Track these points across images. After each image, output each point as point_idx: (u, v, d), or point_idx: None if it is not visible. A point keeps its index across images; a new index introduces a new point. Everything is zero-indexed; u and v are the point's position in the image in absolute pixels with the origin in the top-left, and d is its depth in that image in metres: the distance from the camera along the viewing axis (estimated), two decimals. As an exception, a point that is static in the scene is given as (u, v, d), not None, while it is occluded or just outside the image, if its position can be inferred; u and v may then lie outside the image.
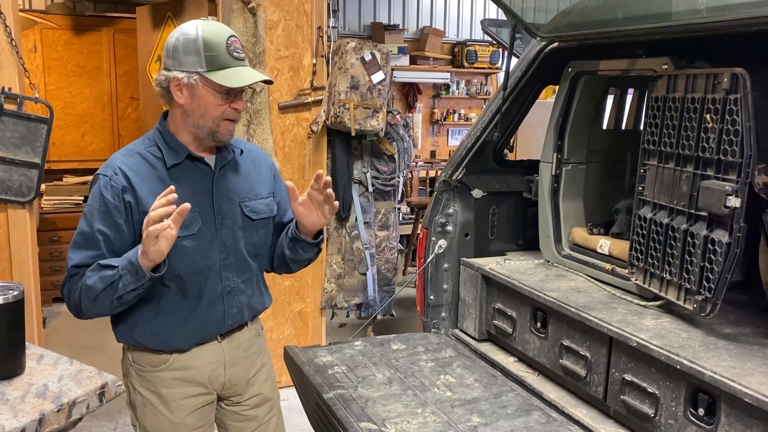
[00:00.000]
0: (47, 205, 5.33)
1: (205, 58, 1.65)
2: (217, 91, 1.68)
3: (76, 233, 1.71)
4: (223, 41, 1.67)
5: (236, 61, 1.69)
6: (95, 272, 1.65)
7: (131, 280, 1.61)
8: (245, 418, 1.97)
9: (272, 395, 2.03)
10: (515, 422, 1.98)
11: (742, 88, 1.73)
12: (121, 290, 1.62)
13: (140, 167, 1.71)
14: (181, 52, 1.67)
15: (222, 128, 1.72)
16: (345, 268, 3.92)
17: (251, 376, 1.96)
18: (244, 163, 1.89)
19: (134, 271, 1.60)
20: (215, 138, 1.74)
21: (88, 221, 1.69)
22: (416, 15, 7.72)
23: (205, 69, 1.66)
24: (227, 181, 1.83)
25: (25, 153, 3.18)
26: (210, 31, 1.67)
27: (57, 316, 5.09)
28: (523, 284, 2.33)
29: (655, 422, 1.80)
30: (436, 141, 8.03)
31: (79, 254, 1.69)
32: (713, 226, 1.83)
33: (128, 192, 1.68)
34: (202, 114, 1.70)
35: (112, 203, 1.67)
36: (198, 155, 1.77)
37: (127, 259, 1.62)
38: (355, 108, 3.59)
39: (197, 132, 1.73)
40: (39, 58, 5.42)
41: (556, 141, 2.57)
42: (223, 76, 1.66)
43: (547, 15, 2.52)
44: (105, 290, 1.63)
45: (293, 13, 3.59)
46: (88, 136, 5.72)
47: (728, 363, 1.67)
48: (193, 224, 1.73)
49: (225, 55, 1.67)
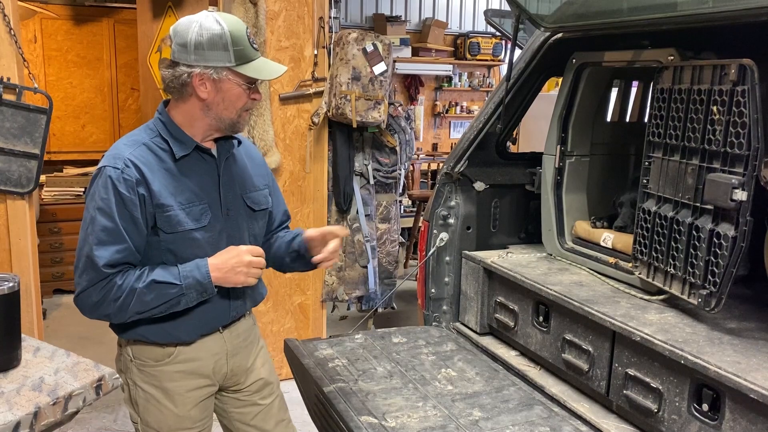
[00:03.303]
0: (47, 196, 5.31)
1: (233, 52, 1.66)
2: (243, 84, 1.69)
3: (94, 230, 1.62)
4: (245, 34, 1.68)
5: (257, 53, 1.71)
6: (151, 290, 1.64)
7: (196, 297, 1.70)
8: (247, 403, 1.97)
9: (272, 378, 2.03)
10: (517, 416, 1.96)
11: (750, 79, 1.70)
12: (183, 305, 1.70)
13: (149, 159, 1.69)
14: (206, 48, 1.64)
15: (242, 118, 1.75)
16: (346, 260, 3.90)
17: (250, 364, 1.96)
18: (240, 155, 1.89)
19: (202, 290, 1.69)
20: (235, 128, 1.76)
21: (108, 216, 1.63)
22: (419, 6, 7.67)
23: (234, 63, 1.66)
24: (231, 173, 1.83)
25: (24, 143, 3.16)
26: (233, 25, 1.67)
27: (57, 308, 5.08)
28: (525, 278, 2.31)
29: (659, 417, 1.78)
30: (438, 133, 8.00)
31: (107, 251, 1.62)
32: (719, 219, 1.81)
33: (142, 185, 1.65)
34: (226, 107, 1.70)
35: (128, 197, 1.63)
36: (205, 146, 1.76)
37: (192, 278, 1.67)
38: (357, 99, 3.56)
39: (218, 124, 1.73)
40: (39, 49, 5.39)
41: (560, 133, 2.54)
42: (253, 69, 1.68)
43: (551, 5, 2.49)
44: (162, 305, 1.67)
45: (294, 4, 3.55)
46: (88, 127, 5.70)
47: (733, 358, 1.65)
48: (203, 216, 1.73)
49: (249, 48, 1.68)
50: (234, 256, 1.70)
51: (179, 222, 1.69)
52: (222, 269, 1.69)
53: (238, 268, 1.70)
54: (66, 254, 5.30)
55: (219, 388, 1.93)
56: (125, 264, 1.66)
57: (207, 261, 1.70)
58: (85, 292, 1.64)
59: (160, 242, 1.69)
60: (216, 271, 1.69)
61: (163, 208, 1.67)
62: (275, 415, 2.02)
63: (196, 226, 1.71)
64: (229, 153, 1.82)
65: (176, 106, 1.74)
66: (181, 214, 1.69)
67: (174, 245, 1.70)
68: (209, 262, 1.70)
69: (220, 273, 1.69)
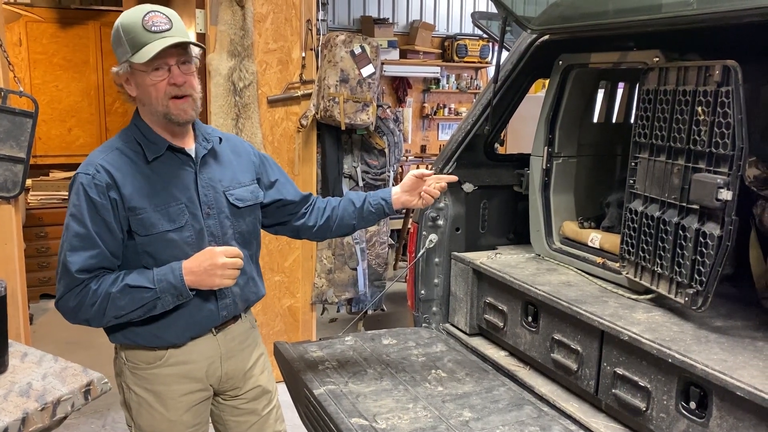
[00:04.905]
0: (34, 200, 5.27)
1: (127, 43, 1.62)
2: (145, 72, 1.62)
3: (68, 237, 1.63)
4: (139, 19, 1.61)
5: (155, 35, 1.60)
6: (124, 294, 1.63)
7: (172, 301, 1.67)
8: (244, 411, 1.95)
9: (270, 387, 2.01)
10: (507, 416, 1.97)
11: (734, 80, 1.72)
12: (159, 309, 1.67)
13: (121, 163, 1.68)
14: (114, 47, 1.67)
15: (172, 108, 1.66)
16: (335, 263, 3.89)
17: (248, 368, 1.94)
18: (223, 152, 1.87)
19: (177, 293, 1.67)
20: (171, 119, 1.68)
21: (80, 221, 1.63)
22: (406, 9, 7.68)
23: (130, 54, 1.62)
24: (210, 171, 1.80)
25: (9, 147, 3.13)
26: (127, 15, 1.64)
27: (44, 313, 5.04)
28: (514, 278, 2.32)
29: (647, 416, 1.79)
30: (426, 135, 8.01)
31: (79, 257, 1.62)
32: (705, 219, 1.83)
33: (113, 189, 1.65)
34: (150, 99, 1.66)
35: (99, 202, 1.63)
36: (178, 146, 1.74)
37: (166, 281, 1.65)
38: (345, 102, 3.57)
39: (156, 118, 1.70)
40: (24, 52, 5.34)
41: (547, 135, 2.56)
42: (141, 53, 1.60)
43: (538, 8, 2.50)
44: (138, 309, 1.66)
45: (282, 6, 3.55)
46: (75, 131, 5.66)
47: (720, 356, 1.66)
48: (179, 217, 1.71)
49: (142, 33, 1.60)
50: (207, 259, 1.67)
51: (153, 224, 1.67)
52: (196, 272, 1.66)
53: (212, 271, 1.66)
54: (53, 259, 5.25)
55: (215, 392, 1.91)
56: (100, 269, 1.65)
57: (182, 264, 1.68)
58: (63, 298, 1.64)
59: (137, 245, 1.68)
60: (190, 275, 1.66)
61: (136, 210, 1.66)
62: (272, 425, 2.01)
63: (172, 227, 1.69)
64: (205, 150, 1.79)
65: (139, 108, 1.74)
66: (155, 215, 1.67)
67: (151, 248, 1.69)
68: (183, 265, 1.67)
69: (194, 276, 1.67)
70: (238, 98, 3.44)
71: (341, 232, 2.10)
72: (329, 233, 2.08)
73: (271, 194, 1.97)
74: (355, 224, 2.06)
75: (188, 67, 1.68)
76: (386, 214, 2.05)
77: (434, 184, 2.00)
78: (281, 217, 2.02)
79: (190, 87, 1.68)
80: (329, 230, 2.06)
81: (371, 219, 2.06)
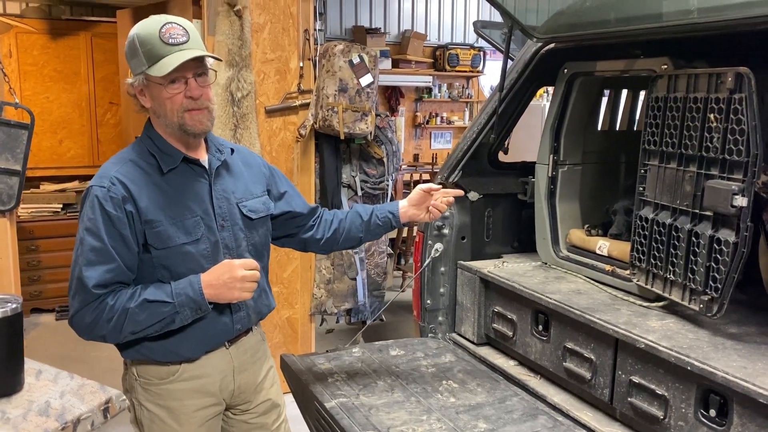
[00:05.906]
0: (24, 213, 5.18)
1: (143, 54, 1.60)
2: (162, 84, 1.61)
3: (83, 251, 1.60)
4: (156, 31, 1.59)
5: (172, 48, 1.59)
6: (143, 309, 1.60)
7: (190, 315, 1.65)
8: (254, 426, 1.92)
9: (280, 401, 1.99)
10: (522, 427, 1.95)
11: (747, 87, 1.73)
12: (177, 323, 1.65)
13: (136, 175, 1.65)
14: (129, 58, 1.65)
15: (188, 120, 1.65)
16: (334, 273, 3.87)
17: (259, 381, 1.91)
18: (235, 163, 1.85)
19: (196, 307, 1.64)
20: (187, 131, 1.67)
21: (95, 235, 1.60)
22: (397, 18, 7.70)
23: (146, 66, 1.60)
24: (223, 182, 1.79)
25: (5, 160, 3.09)
26: (143, 26, 1.62)
27: (35, 327, 4.95)
28: (523, 287, 2.31)
29: (665, 424, 1.78)
30: (419, 144, 8.02)
31: (96, 271, 1.58)
32: (719, 225, 1.83)
33: (129, 202, 1.62)
34: (164, 111, 1.65)
35: (115, 215, 1.60)
36: (193, 157, 1.72)
37: (185, 295, 1.63)
38: (344, 111, 3.55)
39: (171, 130, 1.68)
40: (14, 63, 5.28)
41: (552, 142, 2.55)
42: (159, 66, 1.58)
43: (542, 16, 2.51)
44: (156, 324, 1.63)
45: (279, 16, 3.54)
46: (66, 143, 5.58)
47: (739, 363, 1.66)
48: (195, 229, 1.69)
49: (159, 45, 1.58)
50: (226, 272, 1.65)
51: (170, 237, 1.65)
52: (215, 285, 1.65)
53: (231, 284, 1.65)
54: (44, 272, 5.17)
55: (226, 407, 1.88)
56: (117, 283, 1.62)
57: (200, 277, 1.66)
58: (78, 314, 1.60)
59: (153, 259, 1.66)
60: (209, 288, 1.64)
61: (152, 223, 1.63)
62: None
63: (188, 239, 1.67)
64: (219, 162, 1.78)
65: (152, 119, 1.72)
66: (171, 228, 1.65)
67: (167, 261, 1.67)
68: (202, 278, 1.65)
69: (213, 290, 1.65)
70: (236, 108, 3.41)
71: (348, 245, 2.10)
72: (336, 246, 2.08)
73: (280, 206, 1.95)
74: (362, 237, 2.06)
75: (204, 79, 1.66)
76: (393, 228, 2.06)
77: (441, 198, 2.02)
78: (289, 229, 2.01)
79: (207, 99, 1.67)
80: (336, 243, 2.06)
81: (378, 232, 2.07)
